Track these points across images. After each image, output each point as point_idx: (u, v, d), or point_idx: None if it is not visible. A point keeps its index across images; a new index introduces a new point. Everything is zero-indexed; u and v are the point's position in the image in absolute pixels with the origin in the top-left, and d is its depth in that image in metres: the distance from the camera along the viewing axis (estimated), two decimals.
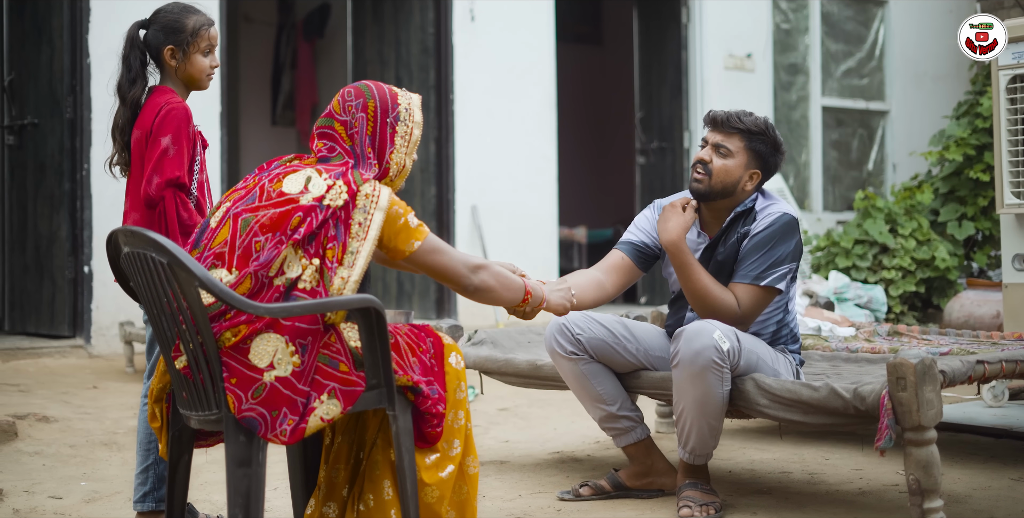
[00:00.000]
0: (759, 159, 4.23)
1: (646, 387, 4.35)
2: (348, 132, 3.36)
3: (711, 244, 4.29)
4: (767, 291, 4.12)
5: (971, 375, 3.81)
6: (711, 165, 4.20)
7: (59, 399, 6.29)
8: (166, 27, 3.92)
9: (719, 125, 4.23)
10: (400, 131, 3.41)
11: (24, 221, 8.05)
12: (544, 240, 9.66)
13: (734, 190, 4.22)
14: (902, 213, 9.18)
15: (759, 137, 4.21)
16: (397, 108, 3.42)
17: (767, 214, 4.20)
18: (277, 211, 3.19)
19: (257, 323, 3.11)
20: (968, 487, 4.41)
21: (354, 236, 3.21)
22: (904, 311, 8.96)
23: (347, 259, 3.21)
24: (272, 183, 3.26)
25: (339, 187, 3.23)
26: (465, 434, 3.45)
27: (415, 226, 3.31)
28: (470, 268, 3.42)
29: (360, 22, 9.57)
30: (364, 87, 3.42)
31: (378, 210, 3.23)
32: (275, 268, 3.15)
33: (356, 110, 3.38)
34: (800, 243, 4.19)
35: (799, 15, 11.41)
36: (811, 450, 5.18)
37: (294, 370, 3.11)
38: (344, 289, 3.20)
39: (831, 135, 11.76)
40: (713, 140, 4.24)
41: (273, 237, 3.17)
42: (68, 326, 7.67)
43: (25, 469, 4.98)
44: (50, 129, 7.81)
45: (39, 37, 7.91)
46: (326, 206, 3.19)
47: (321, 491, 3.47)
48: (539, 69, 9.76)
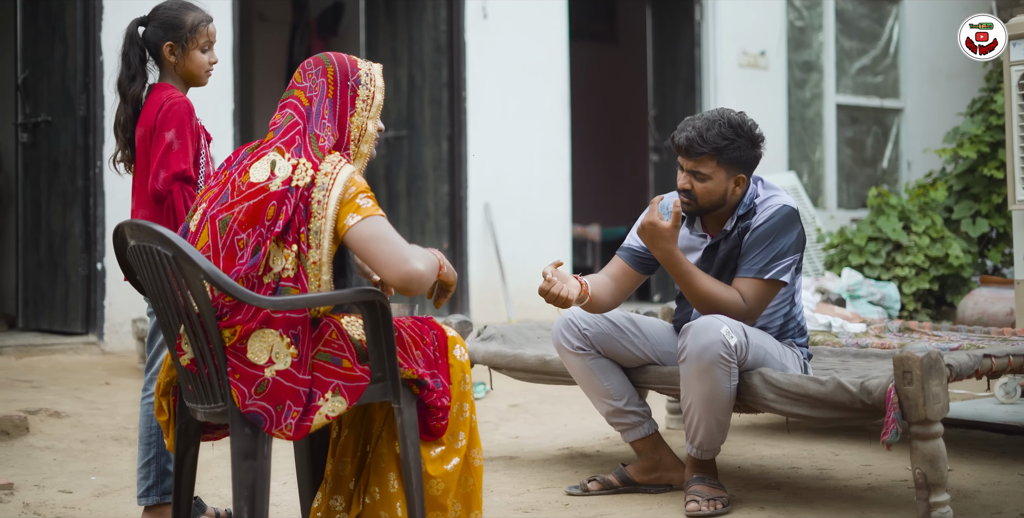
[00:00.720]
0: (737, 166, 4.16)
1: (654, 382, 4.35)
2: (307, 95, 3.34)
3: (713, 243, 4.29)
4: (772, 284, 4.11)
5: (978, 369, 3.80)
6: (693, 191, 4.18)
7: (71, 395, 6.30)
8: (165, 23, 3.94)
9: (687, 152, 4.15)
10: (361, 94, 3.38)
11: (38, 218, 8.07)
12: (557, 238, 9.66)
13: (724, 200, 4.19)
14: (916, 210, 9.15)
15: (728, 148, 4.12)
16: (357, 72, 3.40)
17: (767, 207, 4.18)
18: (251, 203, 3.18)
19: (252, 322, 3.12)
20: (977, 482, 4.40)
21: (315, 215, 3.18)
22: (918, 308, 8.94)
23: (312, 240, 3.19)
24: (241, 176, 3.25)
25: (303, 165, 3.21)
26: (470, 427, 3.45)
27: (365, 206, 3.20)
28: (413, 256, 3.19)
29: (373, 20, 9.57)
30: (323, 56, 3.42)
31: (336, 185, 3.19)
32: (262, 267, 3.16)
33: (316, 76, 3.37)
34: (802, 233, 4.17)
35: (813, 13, 11.39)
36: (821, 446, 5.17)
37: (292, 361, 3.12)
38: (320, 273, 3.19)
39: (845, 133, 11.74)
40: (687, 167, 4.18)
41: (253, 232, 3.16)
42: (81, 323, 7.69)
43: (36, 464, 5.00)
44: (63, 127, 7.83)
45: (52, 35, 7.94)
46: (295, 188, 3.18)
47: (328, 484, 3.48)
48: (552, 67, 9.76)
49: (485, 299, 9.03)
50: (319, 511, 3.47)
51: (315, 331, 3.22)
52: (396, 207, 9.50)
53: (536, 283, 4.17)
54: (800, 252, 4.16)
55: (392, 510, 3.36)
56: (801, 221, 4.19)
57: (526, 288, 9.08)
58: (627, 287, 4.43)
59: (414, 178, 9.38)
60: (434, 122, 9.31)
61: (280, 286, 3.16)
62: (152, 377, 3.90)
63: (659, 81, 11.14)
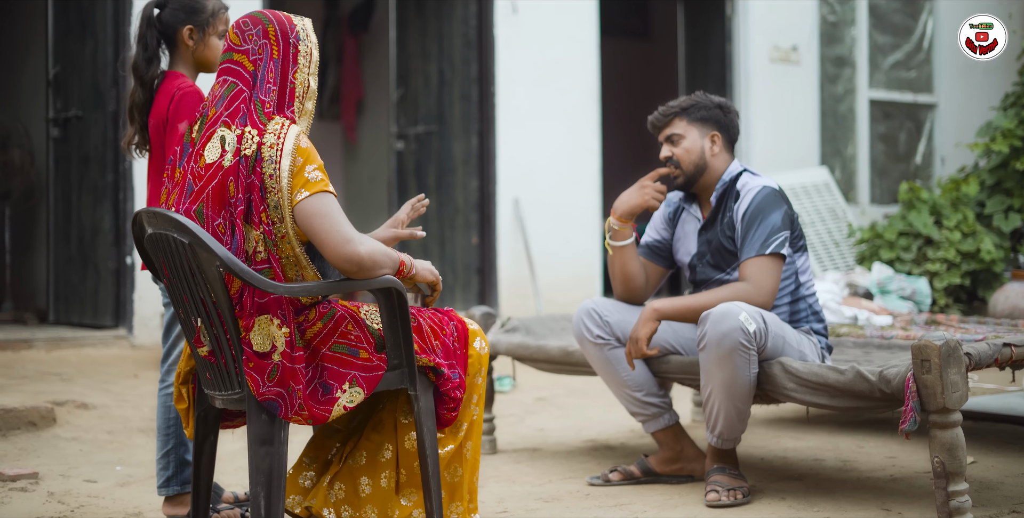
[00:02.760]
0: (708, 122, 4.38)
1: (675, 372, 4.34)
2: (251, 58, 3.27)
3: (705, 224, 4.39)
4: (774, 259, 4.14)
5: (998, 358, 3.77)
6: (675, 157, 4.38)
7: (99, 387, 6.34)
8: (185, 7, 3.94)
9: (658, 122, 4.43)
10: (302, 50, 3.31)
11: (68, 213, 8.12)
12: (587, 233, 9.63)
13: (705, 162, 4.37)
14: (947, 205, 9.09)
15: (694, 108, 4.38)
16: (295, 28, 3.32)
17: (748, 190, 4.29)
18: (213, 185, 3.16)
19: (252, 315, 3.14)
20: (1001, 474, 4.37)
21: (270, 190, 3.15)
22: (949, 303, 8.87)
23: (274, 215, 3.15)
24: (196, 162, 3.23)
25: (248, 133, 3.17)
26: (472, 419, 3.46)
27: (314, 180, 3.17)
28: (356, 238, 3.16)
29: (403, 15, 9.58)
30: (259, 14, 3.33)
31: (284, 156, 3.14)
32: (249, 251, 3.17)
33: (257, 37, 3.28)
34: (789, 211, 4.24)
35: (846, 7, 11.32)
36: (846, 438, 5.15)
37: (286, 341, 3.13)
38: (291, 247, 3.17)
39: (878, 128, 11.66)
40: (663, 136, 4.42)
41: (226, 214, 3.15)
42: (111, 316, 7.73)
43: (62, 454, 5.04)
44: (94, 121, 7.87)
45: (83, 30, 7.98)
46: (244, 158, 3.14)
47: (309, 446, 3.55)
48: (582, 62, 9.74)
49: (514, 294, 9.02)
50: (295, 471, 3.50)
51: (328, 321, 3.23)
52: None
53: (566, 277, 4.29)
54: (790, 230, 4.20)
55: (376, 477, 3.40)
56: (787, 201, 4.27)
57: (555, 282, 9.10)
58: (654, 280, 4.59)
59: (444, 173, 9.38)
60: (464, 117, 9.31)
61: (257, 269, 3.16)
62: (169, 368, 3.92)
63: (691, 76, 11.11)
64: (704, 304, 4.10)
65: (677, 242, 4.52)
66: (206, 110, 3.28)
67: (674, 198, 4.57)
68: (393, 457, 3.41)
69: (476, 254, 9.16)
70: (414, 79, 9.55)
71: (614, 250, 4.45)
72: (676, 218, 4.54)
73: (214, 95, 3.29)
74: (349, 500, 3.41)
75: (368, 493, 3.41)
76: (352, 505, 3.40)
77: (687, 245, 4.47)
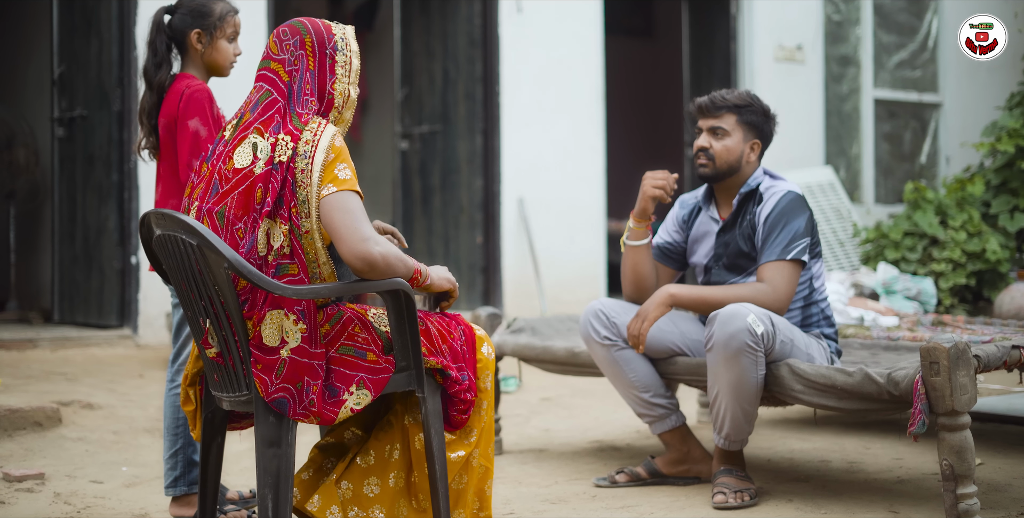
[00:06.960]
0: (754, 129, 4.33)
1: (682, 373, 4.34)
2: (286, 69, 3.28)
3: (724, 226, 4.36)
4: (794, 265, 4.13)
5: (1006, 360, 3.77)
6: (712, 150, 4.32)
7: (105, 387, 6.34)
8: (193, 11, 3.97)
9: (708, 110, 4.33)
10: (340, 60, 3.32)
11: (73, 212, 8.11)
12: (592, 232, 9.62)
13: (739, 166, 4.32)
14: (953, 205, 9.07)
15: (748, 109, 4.31)
16: (333, 38, 3.33)
17: (772, 194, 4.28)
18: (240, 190, 3.17)
19: (263, 308, 3.13)
20: (1009, 476, 4.37)
21: (300, 184, 3.15)
22: (954, 304, 8.86)
23: (302, 209, 3.16)
24: (225, 163, 3.23)
25: (283, 140, 3.17)
26: (482, 426, 3.45)
27: (344, 177, 3.17)
28: (373, 238, 3.15)
29: (408, 14, 9.57)
30: (297, 24, 3.35)
31: (318, 151, 3.15)
32: (262, 246, 3.15)
33: (294, 48, 3.30)
34: (811, 218, 4.22)
35: (850, 6, 11.31)
36: (852, 440, 5.14)
37: (303, 337, 3.13)
38: (313, 242, 3.17)
39: (883, 127, 11.65)
40: (707, 125, 4.34)
41: (249, 219, 3.16)
42: (116, 316, 7.72)
43: (68, 454, 5.03)
44: (99, 121, 7.86)
45: (88, 29, 7.97)
46: (279, 164, 3.14)
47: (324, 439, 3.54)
48: (587, 61, 9.72)
49: (519, 293, 9.01)
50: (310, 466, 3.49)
51: (336, 323, 3.22)
52: (430, 201, 9.50)
53: (571, 277, 4.27)
54: (811, 236, 4.19)
55: (384, 477, 3.38)
56: (809, 207, 4.25)
57: (560, 282, 9.09)
58: (664, 282, 4.57)
59: (448, 172, 9.37)
60: (468, 116, 9.30)
61: (279, 263, 3.16)
62: (179, 369, 3.92)
63: (695, 75, 11.10)
64: (721, 300, 4.09)
65: (693, 244, 4.50)
66: (241, 113, 3.30)
67: (689, 200, 4.56)
68: (401, 458, 3.41)
69: (480, 253, 9.15)
70: (418, 78, 9.54)
71: (628, 249, 4.44)
72: (691, 220, 4.52)
73: (249, 100, 3.31)
74: (357, 500, 3.40)
75: (376, 493, 3.40)
76: (359, 505, 3.40)
77: (703, 247, 4.45)
